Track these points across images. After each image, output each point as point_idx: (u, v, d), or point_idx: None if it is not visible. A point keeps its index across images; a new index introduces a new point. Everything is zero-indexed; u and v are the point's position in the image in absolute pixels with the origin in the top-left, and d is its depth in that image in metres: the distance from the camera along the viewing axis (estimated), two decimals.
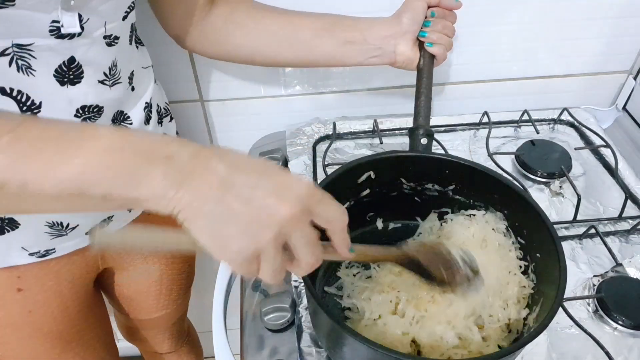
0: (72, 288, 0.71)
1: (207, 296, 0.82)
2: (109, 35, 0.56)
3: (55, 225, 0.61)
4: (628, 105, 0.96)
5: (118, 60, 0.59)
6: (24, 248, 0.61)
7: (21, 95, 0.51)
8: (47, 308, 0.69)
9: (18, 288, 0.64)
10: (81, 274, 0.71)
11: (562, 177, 0.82)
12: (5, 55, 0.48)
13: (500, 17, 0.86)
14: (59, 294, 0.69)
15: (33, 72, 0.50)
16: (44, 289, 0.67)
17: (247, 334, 0.64)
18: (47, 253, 0.64)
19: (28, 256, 0.62)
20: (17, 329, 0.68)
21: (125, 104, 0.63)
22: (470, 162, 0.64)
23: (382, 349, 0.46)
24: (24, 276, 0.64)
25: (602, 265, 0.70)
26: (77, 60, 0.53)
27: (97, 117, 0.58)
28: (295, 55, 0.73)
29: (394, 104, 0.96)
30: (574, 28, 0.88)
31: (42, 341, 0.71)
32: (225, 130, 0.98)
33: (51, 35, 0.50)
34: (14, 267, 0.63)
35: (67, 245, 0.65)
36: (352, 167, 0.63)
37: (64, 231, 0.63)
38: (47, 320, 0.70)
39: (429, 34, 0.70)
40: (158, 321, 0.92)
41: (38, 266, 0.64)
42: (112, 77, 0.58)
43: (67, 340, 0.74)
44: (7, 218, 0.57)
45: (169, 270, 0.86)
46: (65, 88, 0.53)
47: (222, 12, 0.71)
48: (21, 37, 0.48)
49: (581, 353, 0.61)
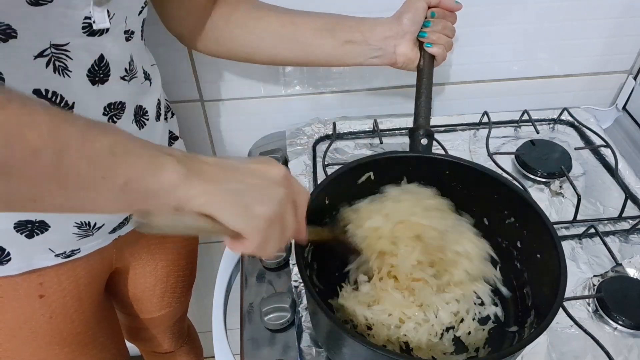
0: (89, 290, 0.71)
1: (207, 296, 0.83)
2: (127, 30, 0.57)
3: (84, 225, 0.62)
4: (628, 105, 0.96)
5: (134, 56, 0.60)
6: (51, 249, 0.62)
7: (55, 97, 0.51)
8: (66, 312, 0.69)
9: (40, 295, 0.65)
10: (97, 275, 0.72)
11: (562, 177, 0.82)
12: (44, 56, 0.48)
13: (500, 17, 0.86)
14: (77, 297, 0.69)
15: (69, 72, 0.51)
16: (64, 293, 0.67)
17: (247, 334, 0.64)
18: (72, 253, 0.64)
19: (54, 257, 0.63)
20: (37, 336, 0.68)
21: (143, 98, 0.64)
22: (470, 163, 0.64)
23: (382, 350, 0.46)
24: (46, 282, 0.64)
25: (602, 265, 0.70)
26: (105, 58, 0.54)
27: (121, 114, 0.59)
28: (296, 54, 0.74)
29: (394, 104, 0.96)
30: (574, 28, 0.88)
31: (62, 346, 0.71)
32: (225, 130, 0.98)
33: (84, 33, 0.50)
34: (36, 273, 0.63)
35: (91, 245, 0.66)
36: (352, 167, 0.63)
37: (91, 231, 0.63)
38: (66, 325, 0.70)
39: (428, 35, 0.70)
40: (160, 320, 0.92)
41: (58, 269, 0.64)
42: (130, 72, 0.59)
43: (84, 343, 0.74)
44: (37, 221, 0.58)
45: (175, 268, 0.86)
46: (96, 87, 0.54)
47: (223, 11, 0.71)
48: (57, 36, 0.48)
49: (581, 353, 0.61)
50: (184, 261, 0.89)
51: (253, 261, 0.73)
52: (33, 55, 0.47)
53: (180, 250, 0.87)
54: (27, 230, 0.58)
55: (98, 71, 0.54)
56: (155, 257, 0.82)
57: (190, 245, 0.91)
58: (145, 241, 0.78)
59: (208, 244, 1.13)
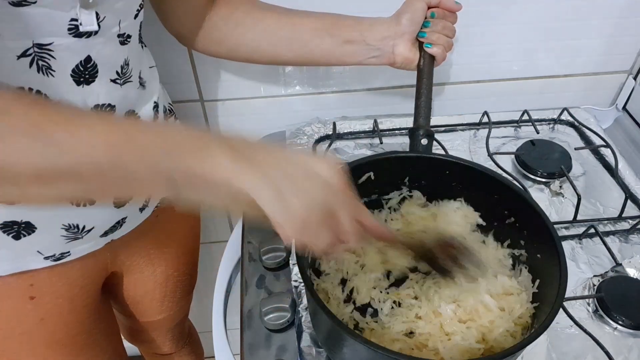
0: (83, 293, 0.70)
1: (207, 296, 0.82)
2: (122, 34, 0.57)
3: (72, 228, 0.61)
4: (628, 105, 0.96)
5: (130, 59, 0.59)
6: (39, 252, 0.61)
7: (40, 95, 0.51)
8: (59, 314, 0.68)
9: (31, 296, 0.64)
10: (92, 278, 0.71)
11: (562, 177, 0.82)
12: (27, 55, 0.48)
13: (500, 17, 0.86)
14: (70, 300, 0.69)
15: (52, 72, 0.51)
16: (56, 295, 0.66)
17: (247, 334, 0.64)
18: (62, 256, 0.64)
19: (43, 260, 0.62)
20: (30, 339, 0.68)
21: (136, 103, 0.63)
22: (470, 163, 0.64)
23: (382, 350, 0.46)
24: (37, 284, 0.64)
25: (602, 265, 0.70)
26: (93, 60, 0.54)
27: None
28: (295, 54, 0.73)
29: (394, 104, 0.96)
30: (574, 28, 0.88)
31: (55, 348, 0.71)
32: (225, 131, 0.98)
33: (69, 34, 0.50)
34: (26, 274, 0.62)
35: (82, 248, 0.65)
36: (353, 167, 0.63)
37: (80, 234, 0.62)
38: (60, 327, 0.70)
39: (428, 35, 0.70)
40: (161, 323, 0.92)
41: (51, 272, 0.64)
42: (123, 75, 0.59)
43: (80, 345, 0.74)
44: (23, 222, 0.57)
45: (174, 273, 0.86)
46: (80, 88, 0.54)
47: (223, 11, 0.71)
48: (41, 36, 0.48)
49: (581, 353, 0.61)
50: (184, 265, 0.88)
51: (253, 261, 0.73)
52: (17, 55, 0.47)
53: (179, 255, 0.86)
54: (13, 232, 0.57)
55: (83, 72, 0.53)
56: (153, 262, 0.81)
57: (191, 249, 0.90)
58: (143, 245, 0.77)
59: (208, 244, 1.13)
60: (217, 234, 1.15)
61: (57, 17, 0.48)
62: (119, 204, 0.65)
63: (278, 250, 0.70)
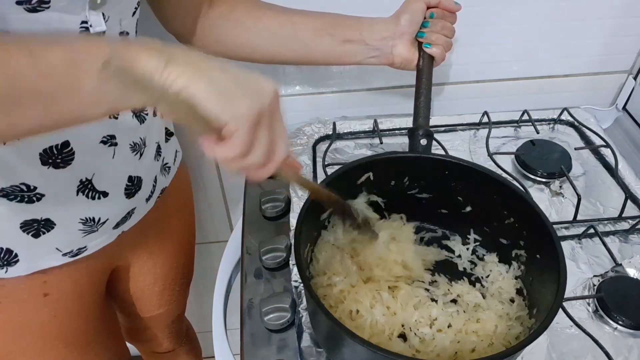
0: (91, 289, 0.72)
1: (207, 296, 0.83)
2: (122, 32, 0.57)
3: (88, 221, 0.63)
4: (628, 105, 0.96)
5: None
6: (58, 249, 0.62)
7: None
8: (69, 311, 0.69)
9: (44, 293, 0.65)
10: (99, 274, 0.72)
11: (562, 177, 0.82)
12: None
13: (500, 17, 0.86)
14: (79, 295, 0.70)
15: None
16: (66, 291, 0.68)
17: (247, 334, 0.64)
18: (80, 252, 0.65)
19: (61, 257, 0.63)
20: (42, 335, 0.69)
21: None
22: (470, 163, 0.64)
23: (381, 351, 0.46)
24: (50, 280, 0.65)
25: (601, 265, 0.70)
26: None
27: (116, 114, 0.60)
28: (295, 53, 0.74)
29: (394, 104, 0.96)
30: (574, 28, 0.88)
31: (65, 344, 0.72)
32: None
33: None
34: (40, 272, 0.63)
35: (97, 242, 0.67)
36: (353, 167, 0.63)
37: (95, 226, 0.64)
38: (70, 323, 0.71)
39: (427, 35, 0.70)
40: (159, 318, 0.93)
41: (62, 268, 0.65)
42: None
43: (88, 341, 0.75)
44: (43, 220, 0.59)
45: (173, 265, 0.87)
46: None
47: (222, 10, 0.71)
48: None
49: (581, 353, 0.61)
50: (183, 258, 0.89)
51: (253, 261, 0.72)
52: None
53: (178, 248, 0.87)
54: (33, 230, 0.59)
55: None
56: (153, 255, 0.82)
57: (189, 242, 0.91)
58: (145, 239, 0.79)
59: (208, 244, 1.13)
60: (217, 234, 1.15)
61: (69, 20, 0.49)
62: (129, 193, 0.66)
63: (278, 250, 0.70)
